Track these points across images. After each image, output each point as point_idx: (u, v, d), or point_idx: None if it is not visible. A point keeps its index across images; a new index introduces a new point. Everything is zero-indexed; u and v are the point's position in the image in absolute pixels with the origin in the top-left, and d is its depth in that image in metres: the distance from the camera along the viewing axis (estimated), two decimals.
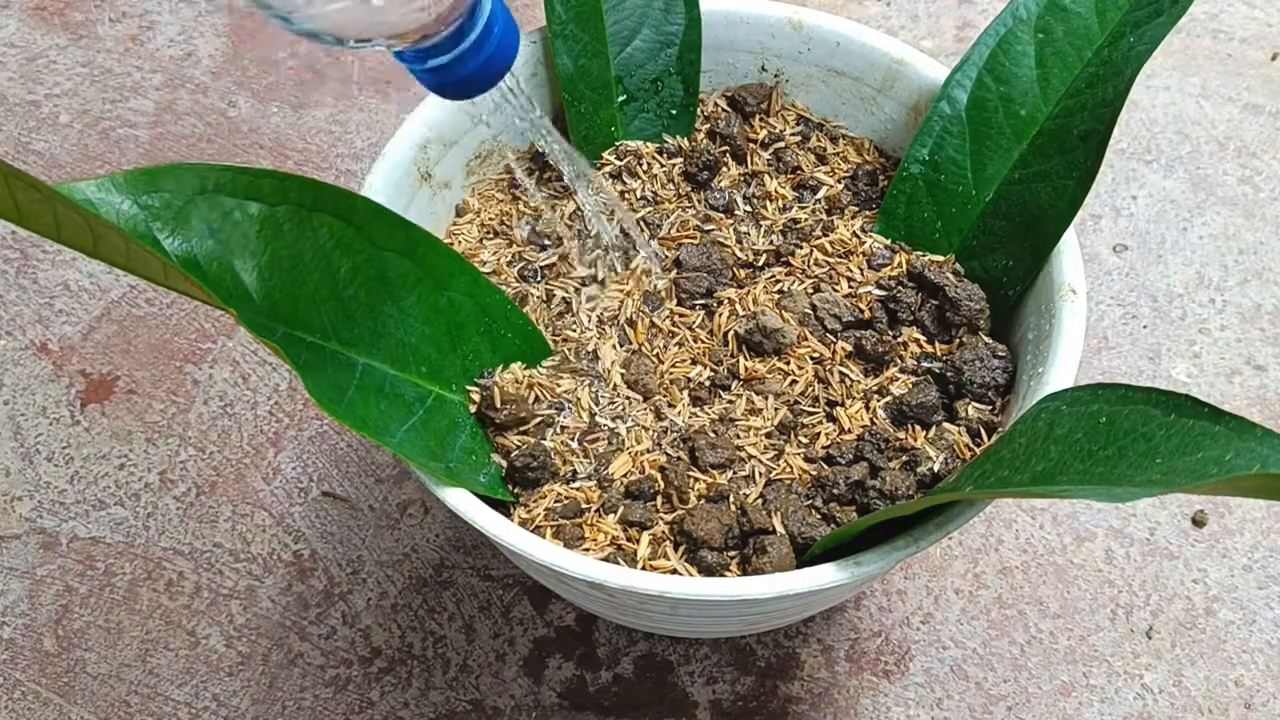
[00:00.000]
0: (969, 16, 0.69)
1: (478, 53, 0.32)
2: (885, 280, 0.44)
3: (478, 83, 0.33)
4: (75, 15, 0.70)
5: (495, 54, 0.33)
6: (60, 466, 0.54)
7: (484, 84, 0.34)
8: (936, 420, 0.41)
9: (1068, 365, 0.38)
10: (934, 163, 0.45)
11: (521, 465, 0.40)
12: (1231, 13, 0.69)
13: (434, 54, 0.32)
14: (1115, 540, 0.51)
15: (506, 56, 0.33)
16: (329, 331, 0.37)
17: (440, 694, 0.48)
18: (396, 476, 0.54)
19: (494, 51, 0.33)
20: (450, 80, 0.33)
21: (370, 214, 0.39)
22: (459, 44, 0.32)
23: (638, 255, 0.43)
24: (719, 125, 0.49)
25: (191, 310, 0.59)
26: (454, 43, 0.32)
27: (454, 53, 0.32)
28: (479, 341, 0.42)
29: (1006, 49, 0.43)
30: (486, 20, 0.32)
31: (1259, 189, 0.62)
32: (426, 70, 0.33)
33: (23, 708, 0.48)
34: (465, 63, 0.32)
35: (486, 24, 0.32)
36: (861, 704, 0.48)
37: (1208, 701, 0.47)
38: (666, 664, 0.49)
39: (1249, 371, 0.56)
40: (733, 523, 0.39)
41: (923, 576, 0.51)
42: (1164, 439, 0.29)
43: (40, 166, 0.64)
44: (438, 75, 0.33)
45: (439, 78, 0.33)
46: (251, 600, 0.51)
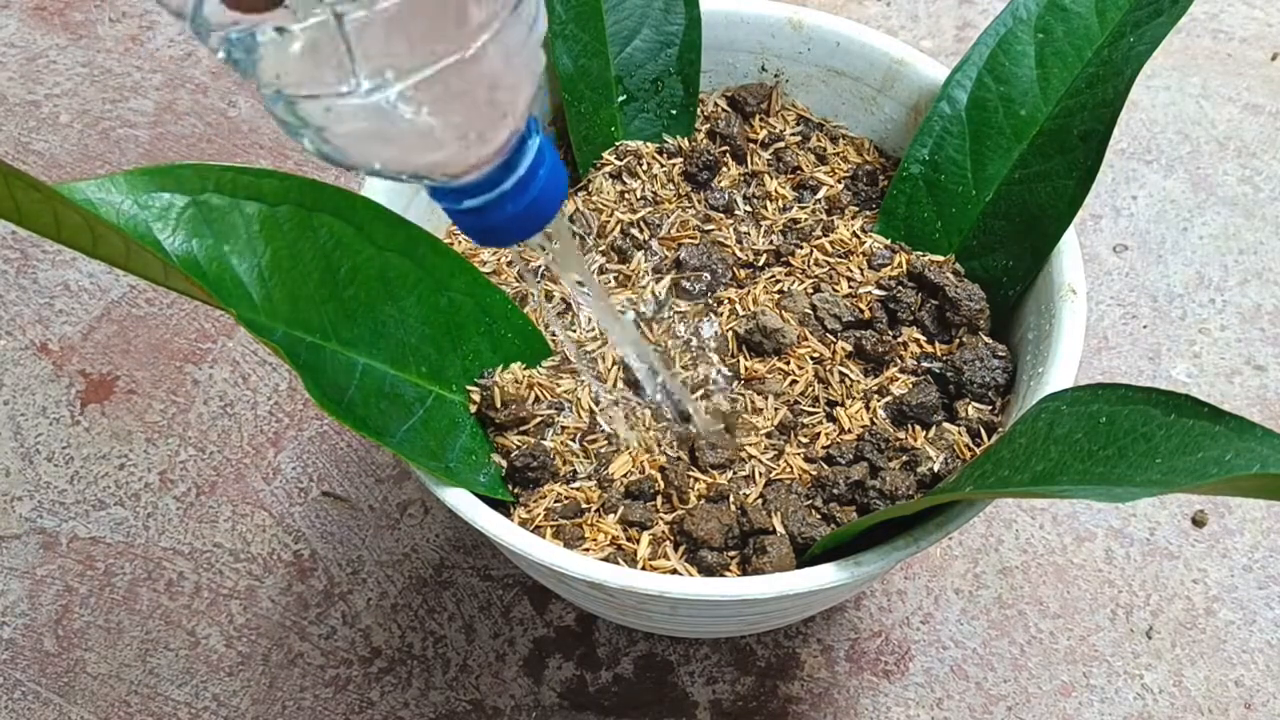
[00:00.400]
0: (969, 16, 0.69)
1: (520, 196, 0.29)
2: (885, 280, 0.44)
3: (518, 229, 0.30)
4: (75, 15, 0.70)
5: (539, 198, 0.29)
6: (60, 466, 0.54)
7: (525, 230, 0.30)
8: (936, 420, 0.41)
9: (1068, 365, 0.38)
10: (934, 163, 0.45)
11: (521, 465, 0.40)
12: (1231, 13, 0.69)
13: (469, 194, 0.28)
14: (1115, 540, 0.51)
15: (552, 202, 0.30)
16: (329, 331, 0.37)
17: (440, 694, 0.48)
18: (396, 476, 0.54)
19: (538, 195, 0.29)
20: (487, 224, 0.29)
21: (370, 214, 0.39)
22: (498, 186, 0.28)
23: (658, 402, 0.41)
24: (719, 125, 0.49)
25: (191, 310, 0.59)
26: (494, 183, 0.28)
27: (494, 194, 0.28)
28: (479, 341, 0.42)
29: (1006, 49, 0.43)
30: (532, 161, 0.29)
31: (1259, 189, 0.62)
32: (461, 210, 0.29)
33: (23, 708, 0.48)
34: (505, 206, 0.29)
35: (531, 164, 0.29)
36: (861, 704, 0.48)
37: (1208, 701, 0.47)
38: (666, 664, 0.49)
39: (1249, 371, 0.56)
40: (733, 523, 0.39)
41: (923, 576, 0.51)
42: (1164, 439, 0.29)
43: (40, 166, 0.64)
44: (474, 217, 0.29)
45: (475, 220, 0.29)
46: (251, 600, 0.51)
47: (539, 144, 0.29)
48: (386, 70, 0.24)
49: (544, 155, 0.29)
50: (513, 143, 0.28)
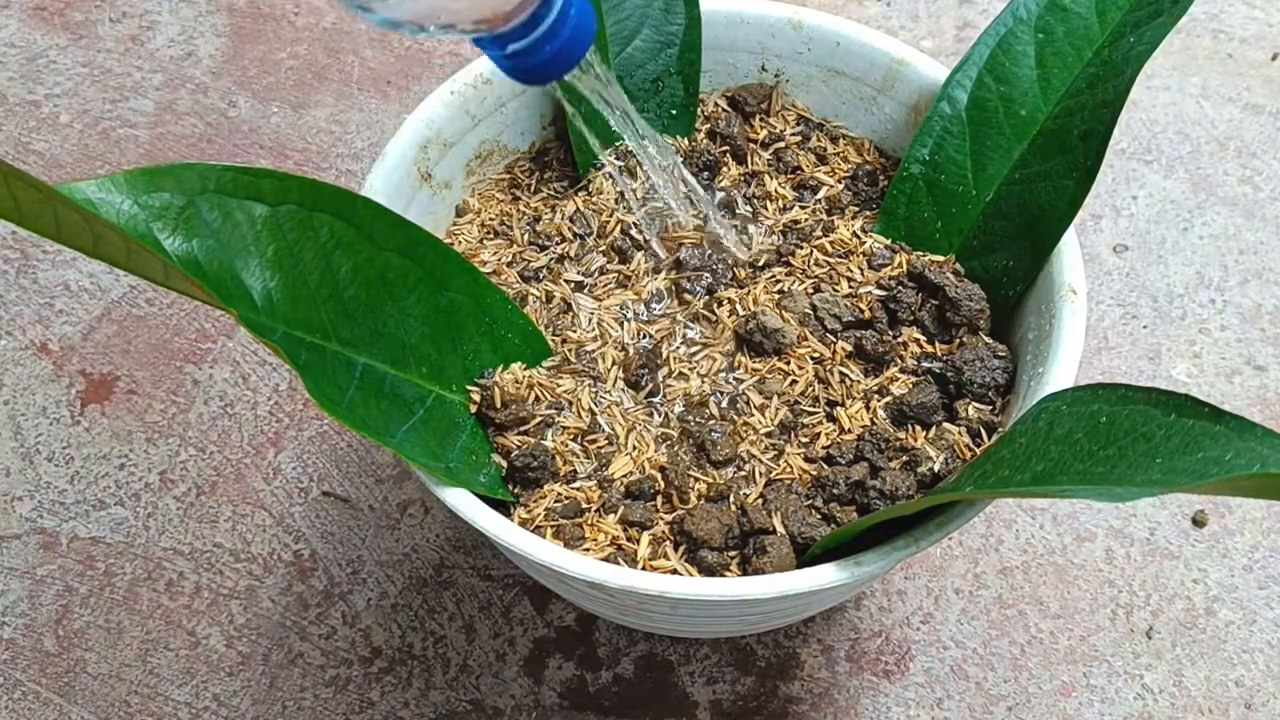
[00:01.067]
0: (969, 16, 0.69)
1: (555, 36, 0.33)
2: (885, 280, 0.44)
3: (556, 65, 0.34)
4: (75, 15, 0.70)
5: (573, 36, 0.33)
6: (60, 466, 0.54)
7: (563, 67, 0.34)
8: (936, 420, 0.41)
9: (1068, 365, 0.38)
10: (934, 163, 0.45)
11: (521, 465, 0.40)
12: (1231, 13, 0.69)
13: (512, 39, 0.32)
14: (1115, 540, 0.51)
15: (584, 37, 0.34)
16: (329, 331, 0.37)
17: (440, 694, 0.48)
18: (396, 476, 0.54)
19: (571, 33, 0.33)
20: (530, 64, 0.33)
21: (370, 214, 0.39)
22: (536, 28, 0.32)
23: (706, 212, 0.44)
24: (719, 125, 0.49)
25: (191, 310, 0.59)
26: (531, 27, 0.32)
27: (532, 37, 0.32)
28: (479, 341, 0.42)
29: (1007, 49, 0.43)
30: (562, 5, 0.32)
31: (1259, 189, 0.62)
32: (506, 56, 0.33)
33: (23, 708, 0.48)
34: (543, 46, 0.33)
35: (562, 8, 0.32)
36: (861, 704, 0.48)
37: (1208, 701, 0.47)
38: (666, 664, 0.49)
39: (1249, 371, 0.56)
40: (733, 523, 0.39)
41: (923, 576, 0.51)
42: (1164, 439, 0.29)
43: (40, 166, 0.64)
44: (518, 59, 0.33)
45: (519, 62, 0.33)
46: (252, 600, 0.51)
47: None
48: None
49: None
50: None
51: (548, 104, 0.49)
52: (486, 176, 0.49)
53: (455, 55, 0.68)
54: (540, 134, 0.50)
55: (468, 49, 0.68)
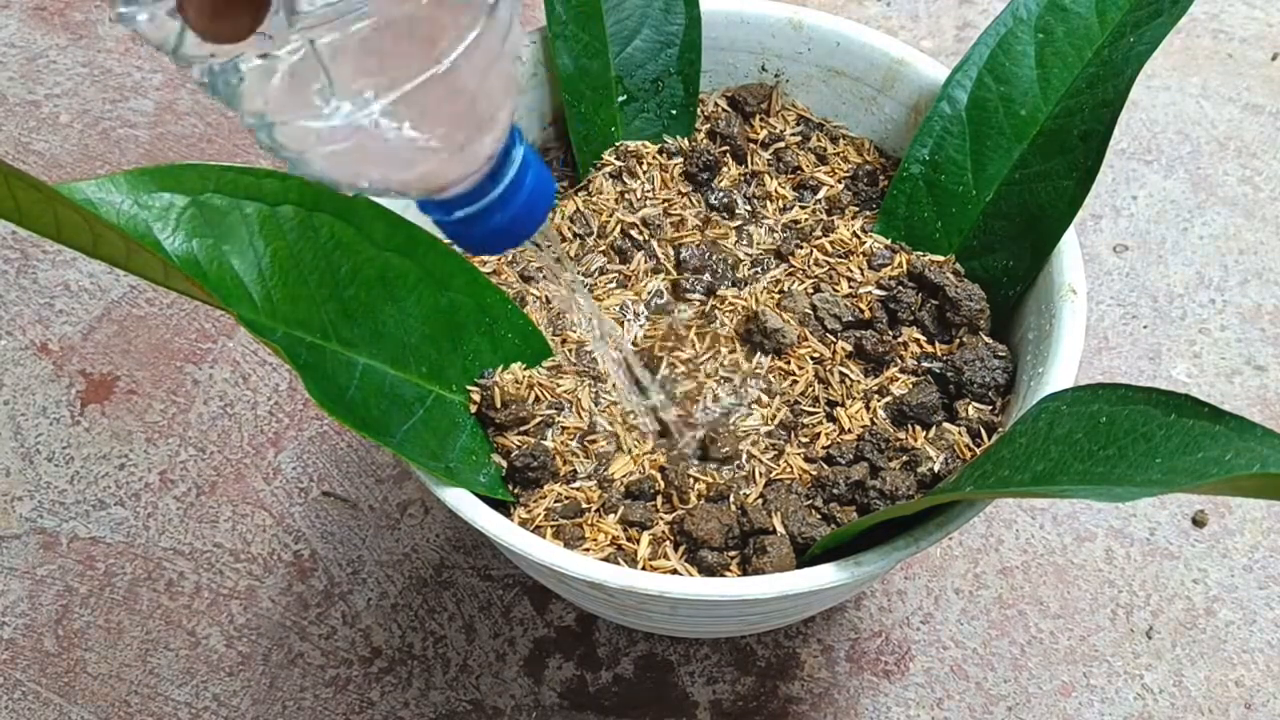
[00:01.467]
0: (969, 16, 0.69)
1: (507, 205, 0.29)
2: (885, 280, 0.44)
3: (506, 237, 0.30)
4: (75, 15, 0.70)
5: (526, 206, 0.30)
6: (60, 466, 0.54)
7: (514, 238, 0.30)
8: (937, 420, 0.41)
9: (1068, 365, 0.38)
10: (934, 163, 0.45)
11: (521, 465, 0.40)
12: (1231, 13, 0.69)
13: (459, 205, 0.29)
14: (1115, 540, 0.51)
15: (539, 209, 0.30)
16: (329, 331, 0.37)
17: (440, 694, 0.48)
18: (396, 476, 0.54)
19: (525, 203, 0.30)
20: (476, 233, 0.30)
21: (370, 214, 0.39)
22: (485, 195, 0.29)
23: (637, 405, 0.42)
24: (719, 125, 0.49)
25: (191, 310, 0.59)
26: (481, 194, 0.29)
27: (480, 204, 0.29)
28: (479, 341, 0.42)
29: (1007, 49, 0.43)
30: (518, 169, 0.29)
31: (1259, 189, 0.62)
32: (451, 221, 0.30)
33: (23, 708, 0.48)
34: (492, 215, 0.29)
35: (517, 173, 0.29)
36: (861, 704, 0.48)
37: (1208, 701, 0.47)
38: (666, 664, 0.49)
39: (1249, 371, 0.56)
40: (733, 523, 0.39)
41: (923, 576, 0.51)
42: (1164, 439, 0.29)
43: (40, 166, 0.64)
44: (463, 227, 0.30)
45: (464, 229, 0.30)
46: (252, 600, 0.51)
47: (523, 153, 0.29)
48: (365, 90, 0.24)
49: (529, 164, 0.30)
50: (497, 154, 0.28)
51: (548, 104, 0.49)
52: None
53: None
54: (540, 134, 0.50)
55: None
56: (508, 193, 0.29)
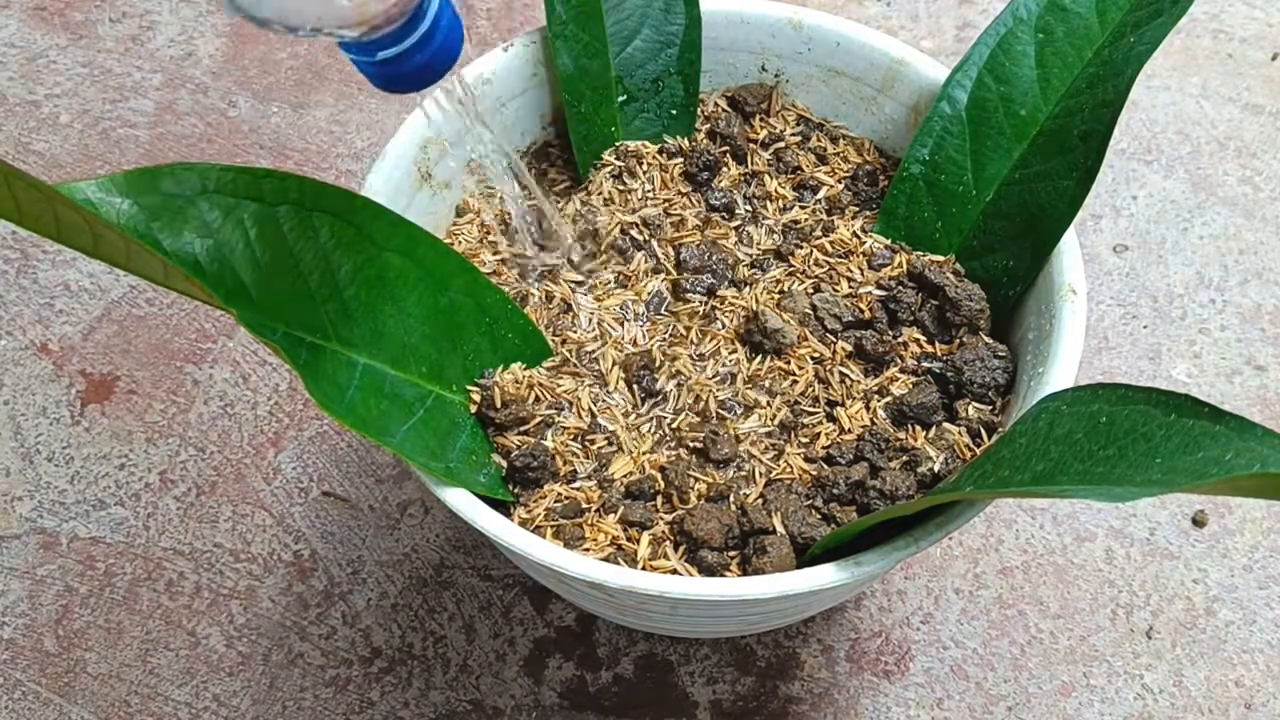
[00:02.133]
0: (969, 16, 0.69)
1: (424, 46, 0.33)
2: (885, 280, 0.44)
3: (422, 77, 0.34)
4: (75, 15, 0.70)
5: (441, 48, 0.34)
6: (60, 466, 0.54)
7: (429, 78, 0.34)
8: (937, 420, 0.41)
9: (1068, 365, 0.38)
10: (934, 163, 0.45)
11: (521, 465, 0.40)
12: (1232, 13, 0.69)
13: (380, 46, 0.32)
14: (1115, 540, 0.51)
15: (452, 50, 0.34)
16: (329, 331, 0.37)
17: (440, 694, 0.48)
18: (396, 476, 0.54)
19: (440, 45, 0.33)
20: (396, 73, 0.34)
21: (370, 214, 0.39)
22: (406, 38, 0.33)
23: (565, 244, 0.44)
24: (719, 125, 0.49)
25: (191, 310, 0.59)
26: (401, 36, 0.32)
27: (403, 45, 0.33)
28: (479, 341, 0.42)
29: (1007, 49, 0.43)
30: (434, 15, 0.33)
31: (1259, 189, 0.62)
32: (374, 63, 0.33)
33: (23, 708, 0.48)
34: (412, 56, 0.33)
35: (434, 18, 0.33)
36: (862, 704, 0.48)
37: (1208, 701, 0.47)
38: (666, 664, 0.49)
39: (1249, 371, 0.56)
40: (733, 523, 0.39)
41: (923, 576, 0.51)
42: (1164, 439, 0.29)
43: (40, 166, 0.64)
44: (384, 68, 0.33)
45: (385, 70, 0.33)
46: (252, 600, 0.51)
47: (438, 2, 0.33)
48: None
49: (444, 10, 0.33)
50: None
51: (548, 103, 0.49)
52: (487, 176, 0.49)
53: None
54: (540, 133, 0.50)
55: (467, 49, 0.68)
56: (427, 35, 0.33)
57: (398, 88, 0.34)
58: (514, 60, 0.47)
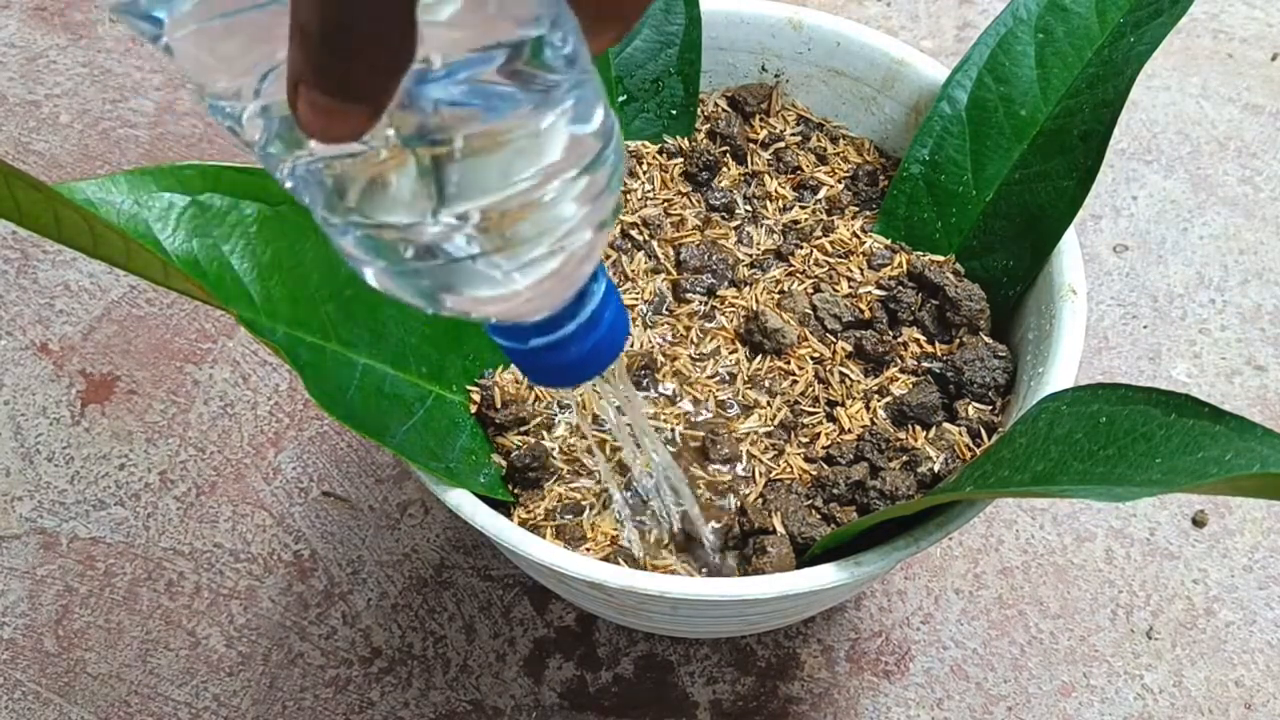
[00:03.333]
0: (969, 16, 0.69)
1: (583, 338, 0.28)
2: (885, 280, 0.44)
3: (580, 369, 0.29)
4: (75, 15, 0.70)
5: (604, 340, 0.29)
6: (60, 466, 0.54)
7: (587, 372, 0.29)
8: (937, 420, 0.41)
9: (1068, 365, 0.38)
10: (934, 163, 0.45)
11: (522, 465, 0.40)
12: (1232, 13, 0.69)
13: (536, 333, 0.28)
14: (1115, 540, 0.51)
15: (616, 344, 0.29)
16: (329, 331, 0.37)
17: (440, 694, 0.48)
18: (396, 476, 0.54)
19: (603, 337, 0.29)
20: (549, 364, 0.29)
21: None
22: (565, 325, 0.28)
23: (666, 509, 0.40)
24: (719, 125, 0.49)
25: (191, 310, 0.59)
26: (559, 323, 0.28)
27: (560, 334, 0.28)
28: (479, 341, 0.42)
29: (1007, 49, 0.43)
30: (599, 302, 0.28)
31: (1259, 189, 0.62)
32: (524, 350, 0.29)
33: (23, 708, 0.48)
34: (569, 346, 0.28)
35: (598, 306, 0.28)
36: (862, 704, 0.48)
37: (1208, 702, 0.47)
38: (667, 664, 0.49)
39: (1249, 371, 0.56)
40: (733, 523, 0.39)
41: (923, 577, 0.51)
42: (1164, 439, 0.29)
43: (40, 166, 0.64)
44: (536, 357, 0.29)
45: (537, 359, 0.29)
46: (252, 600, 0.51)
47: (605, 288, 0.28)
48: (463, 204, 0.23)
49: (610, 299, 0.29)
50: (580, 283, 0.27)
51: None
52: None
53: None
54: None
55: None
56: (586, 325, 0.28)
57: (546, 379, 0.30)
58: None
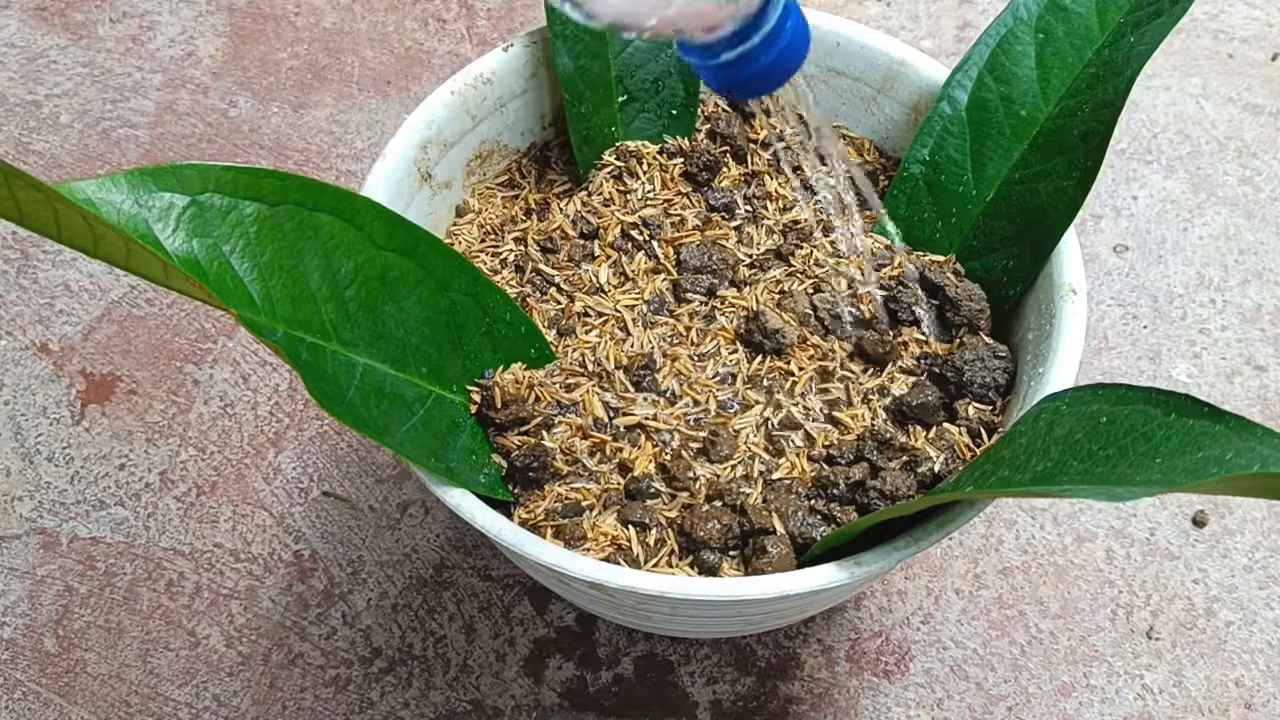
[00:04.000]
0: (969, 16, 0.69)
1: (770, 47, 0.30)
2: (885, 280, 0.44)
3: (769, 79, 0.31)
4: (76, 15, 0.70)
5: (788, 48, 0.30)
6: (60, 466, 0.54)
7: (775, 81, 0.31)
8: (937, 420, 0.41)
9: (1068, 365, 0.38)
10: (934, 163, 0.45)
11: (522, 465, 0.40)
12: (1232, 13, 0.69)
13: (725, 47, 0.29)
14: (1116, 540, 0.51)
15: (799, 52, 0.31)
16: (329, 331, 0.37)
17: (440, 694, 0.48)
18: (397, 476, 0.54)
19: (787, 46, 0.30)
20: (741, 76, 0.30)
21: (370, 214, 0.39)
22: (751, 37, 0.29)
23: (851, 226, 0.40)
24: (719, 125, 0.49)
25: (191, 310, 0.59)
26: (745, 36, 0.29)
27: (746, 46, 0.30)
28: (479, 341, 0.42)
29: (1007, 49, 0.43)
30: (781, 12, 0.30)
31: (1259, 189, 0.62)
32: (717, 65, 0.30)
33: (23, 708, 0.48)
34: (758, 57, 0.30)
35: (781, 16, 0.30)
36: (862, 704, 0.48)
37: (1208, 702, 0.47)
38: (667, 664, 0.49)
39: (1249, 371, 0.56)
40: (733, 523, 0.39)
41: (923, 577, 0.51)
42: (1164, 439, 0.29)
43: (41, 167, 0.64)
44: (727, 71, 0.30)
45: (729, 73, 0.30)
46: (252, 600, 0.51)
47: None
48: None
49: (791, 8, 0.30)
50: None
51: (548, 103, 0.49)
52: (487, 176, 0.49)
53: (455, 55, 0.68)
54: (540, 134, 0.50)
55: (467, 49, 0.68)
56: (772, 34, 0.29)
57: (739, 93, 0.31)
58: (514, 60, 0.47)
